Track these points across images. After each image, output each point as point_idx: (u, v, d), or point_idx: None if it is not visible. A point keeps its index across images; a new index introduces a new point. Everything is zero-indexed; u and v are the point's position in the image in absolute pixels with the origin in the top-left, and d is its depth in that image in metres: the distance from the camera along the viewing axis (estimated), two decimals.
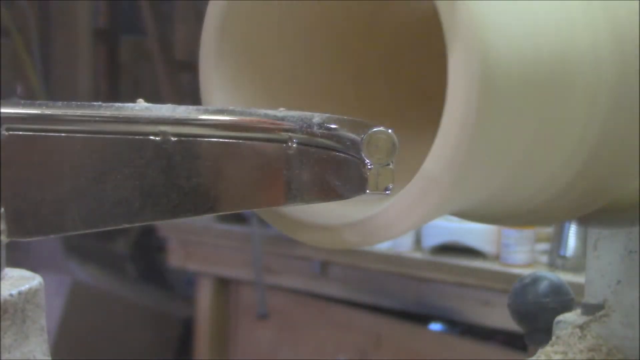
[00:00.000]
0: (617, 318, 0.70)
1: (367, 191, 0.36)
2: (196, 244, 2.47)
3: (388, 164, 0.36)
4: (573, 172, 0.49)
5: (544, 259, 1.95)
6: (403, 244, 2.07)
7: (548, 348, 0.72)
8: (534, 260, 1.95)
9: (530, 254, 1.93)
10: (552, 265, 1.89)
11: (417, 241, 2.09)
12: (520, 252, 1.92)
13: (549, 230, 1.98)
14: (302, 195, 0.41)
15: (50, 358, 0.48)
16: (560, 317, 0.75)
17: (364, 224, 0.44)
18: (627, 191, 0.55)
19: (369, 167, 0.36)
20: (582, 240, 1.84)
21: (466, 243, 1.99)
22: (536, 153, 0.46)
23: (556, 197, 0.51)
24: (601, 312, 0.71)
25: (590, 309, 0.72)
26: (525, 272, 0.88)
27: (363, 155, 0.36)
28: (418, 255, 2.07)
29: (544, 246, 1.98)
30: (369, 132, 0.36)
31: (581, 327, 0.71)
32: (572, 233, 1.85)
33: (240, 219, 2.34)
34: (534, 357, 0.73)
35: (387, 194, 0.37)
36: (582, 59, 0.45)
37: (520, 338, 1.86)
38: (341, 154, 0.38)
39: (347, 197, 0.39)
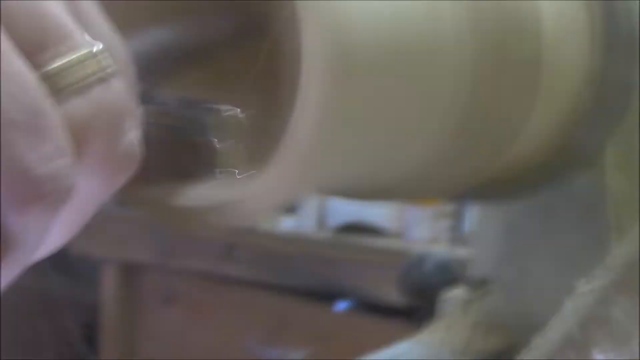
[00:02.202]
0: (500, 294, 0.71)
1: (218, 172, 0.35)
2: (97, 230, 2.44)
3: (237, 145, 0.35)
4: (439, 152, 0.49)
5: (446, 235, 1.97)
6: (307, 224, 2.08)
7: (432, 325, 0.73)
8: (437, 236, 1.97)
9: (433, 231, 1.95)
10: (453, 240, 1.91)
11: (322, 221, 2.10)
12: (423, 229, 1.94)
13: (450, 207, 2.00)
14: (157, 177, 0.40)
15: None
16: (446, 295, 0.75)
17: (223, 206, 0.43)
18: (499, 167, 0.55)
19: (219, 148, 0.35)
20: None
21: (370, 222, 2.01)
22: (399, 132, 0.46)
23: (426, 176, 0.51)
24: (484, 288, 0.72)
25: (474, 285, 0.73)
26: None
27: (212, 136, 0.35)
28: (322, 235, 2.07)
29: (446, 223, 2.01)
30: (218, 113, 0.35)
31: (465, 303, 0.72)
32: (472, 209, 1.87)
33: None
34: (420, 334, 0.74)
35: (239, 176, 0.36)
36: (444, 39, 0.45)
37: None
38: (191, 135, 0.37)
39: (201, 179, 0.38)
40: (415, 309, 1.89)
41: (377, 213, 2.00)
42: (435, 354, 0.69)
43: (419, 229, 1.93)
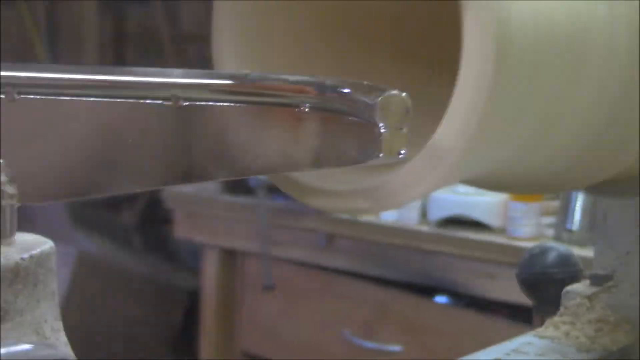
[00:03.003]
0: (626, 288, 0.71)
1: (380, 156, 0.36)
2: (202, 216, 2.48)
3: (402, 128, 0.35)
4: (584, 142, 0.49)
5: (550, 232, 1.95)
6: (409, 217, 2.07)
7: (556, 319, 0.72)
8: (540, 233, 1.95)
9: (537, 227, 1.93)
10: (558, 238, 1.88)
11: (424, 214, 2.09)
12: (526, 225, 1.92)
13: (555, 203, 1.97)
14: (314, 160, 0.41)
15: (61, 322, 0.48)
16: (569, 288, 0.75)
17: (374, 190, 0.44)
18: (637, 161, 0.55)
19: (383, 131, 0.35)
20: (588, 214, 1.84)
21: (472, 216, 1.99)
22: (549, 122, 0.46)
23: (567, 166, 0.51)
24: (610, 283, 0.71)
25: (599, 280, 0.72)
26: (531, 245, 0.88)
27: (377, 119, 0.35)
28: (424, 227, 2.06)
29: (550, 219, 1.98)
30: (383, 95, 0.35)
31: (589, 298, 0.72)
32: (579, 207, 1.85)
33: (246, 190, 2.34)
34: (541, 328, 0.74)
35: (401, 159, 0.36)
36: (598, 28, 0.45)
37: (525, 311, 1.87)
38: (354, 118, 0.38)
39: (360, 162, 0.38)
40: (516, 306, 1.87)
41: (480, 207, 1.98)
42: (560, 348, 0.69)
43: (522, 225, 1.91)
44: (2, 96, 0.40)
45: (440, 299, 2.18)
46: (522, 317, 1.91)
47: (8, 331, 0.45)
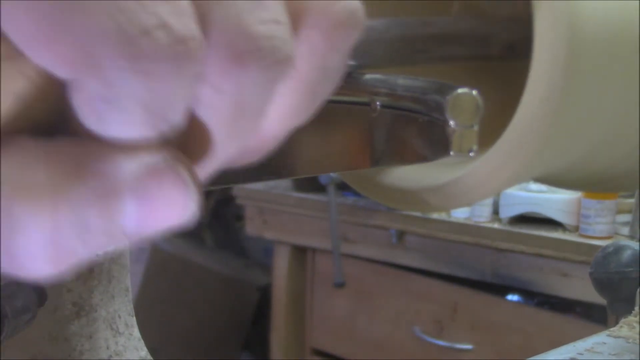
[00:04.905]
0: None
1: (451, 153, 0.36)
2: (273, 213, 2.49)
3: (472, 126, 0.35)
4: None
5: (625, 230, 1.92)
6: (481, 214, 2.06)
7: (631, 318, 0.71)
8: (615, 231, 1.92)
9: (611, 226, 1.90)
10: (633, 237, 1.85)
11: (495, 211, 2.08)
12: (600, 224, 1.89)
13: (630, 201, 1.94)
14: (385, 158, 0.41)
15: (134, 317, 0.49)
16: None
17: (446, 187, 0.43)
18: None
19: (453, 129, 0.35)
20: None
21: (545, 214, 1.97)
22: (622, 118, 0.45)
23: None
24: None
25: None
26: (605, 243, 0.87)
27: (447, 117, 0.35)
28: (496, 225, 2.05)
29: (625, 217, 1.95)
30: (454, 93, 0.35)
31: None
32: None
33: (316, 187, 2.35)
34: (616, 327, 0.73)
35: (471, 156, 0.36)
36: None
37: (598, 310, 1.84)
38: (425, 116, 0.37)
39: (431, 160, 0.38)
40: (590, 305, 1.84)
41: (552, 205, 1.96)
42: (634, 348, 0.68)
43: (596, 223, 1.88)
44: None
45: (512, 297, 2.16)
46: (596, 316, 1.88)
47: (83, 326, 0.46)
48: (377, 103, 0.40)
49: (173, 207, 0.23)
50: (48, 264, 0.23)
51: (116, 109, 0.22)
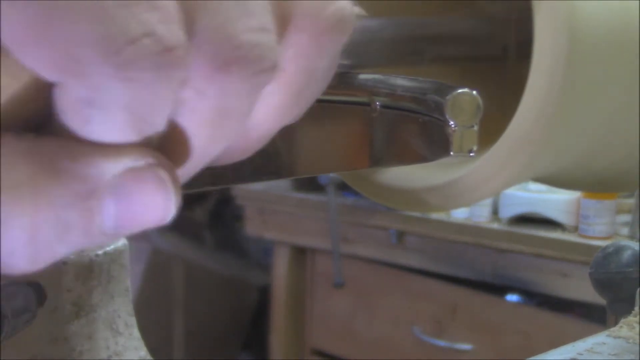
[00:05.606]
0: None
1: (451, 153, 0.36)
2: (273, 213, 2.49)
3: (472, 126, 0.35)
4: None
5: (625, 230, 1.92)
6: (480, 214, 2.06)
7: (631, 318, 0.71)
8: (615, 232, 1.92)
9: (611, 226, 1.90)
10: (633, 237, 1.85)
11: (495, 211, 2.08)
12: (600, 224, 1.89)
13: (630, 201, 1.94)
14: (385, 158, 0.41)
15: (134, 317, 0.49)
16: None
17: (446, 187, 0.43)
18: None
19: (453, 129, 0.35)
20: None
21: (544, 214, 1.97)
22: (622, 118, 0.45)
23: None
24: None
25: None
26: (604, 243, 0.87)
27: (447, 117, 0.35)
28: (495, 225, 2.05)
29: (625, 217, 1.95)
30: (453, 93, 0.35)
31: None
32: None
33: (316, 187, 2.35)
34: (615, 327, 0.72)
35: (471, 157, 0.36)
36: None
37: (598, 310, 1.84)
38: (425, 116, 0.37)
39: (431, 160, 0.38)
40: (589, 305, 1.84)
41: (552, 205, 1.96)
42: (634, 349, 0.68)
43: (595, 223, 1.88)
44: None
45: (512, 297, 2.16)
46: (596, 317, 1.88)
47: (83, 326, 0.46)
48: (377, 103, 0.40)
49: (153, 208, 0.24)
50: (26, 262, 0.23)
51: (100, 113, 0.22)
